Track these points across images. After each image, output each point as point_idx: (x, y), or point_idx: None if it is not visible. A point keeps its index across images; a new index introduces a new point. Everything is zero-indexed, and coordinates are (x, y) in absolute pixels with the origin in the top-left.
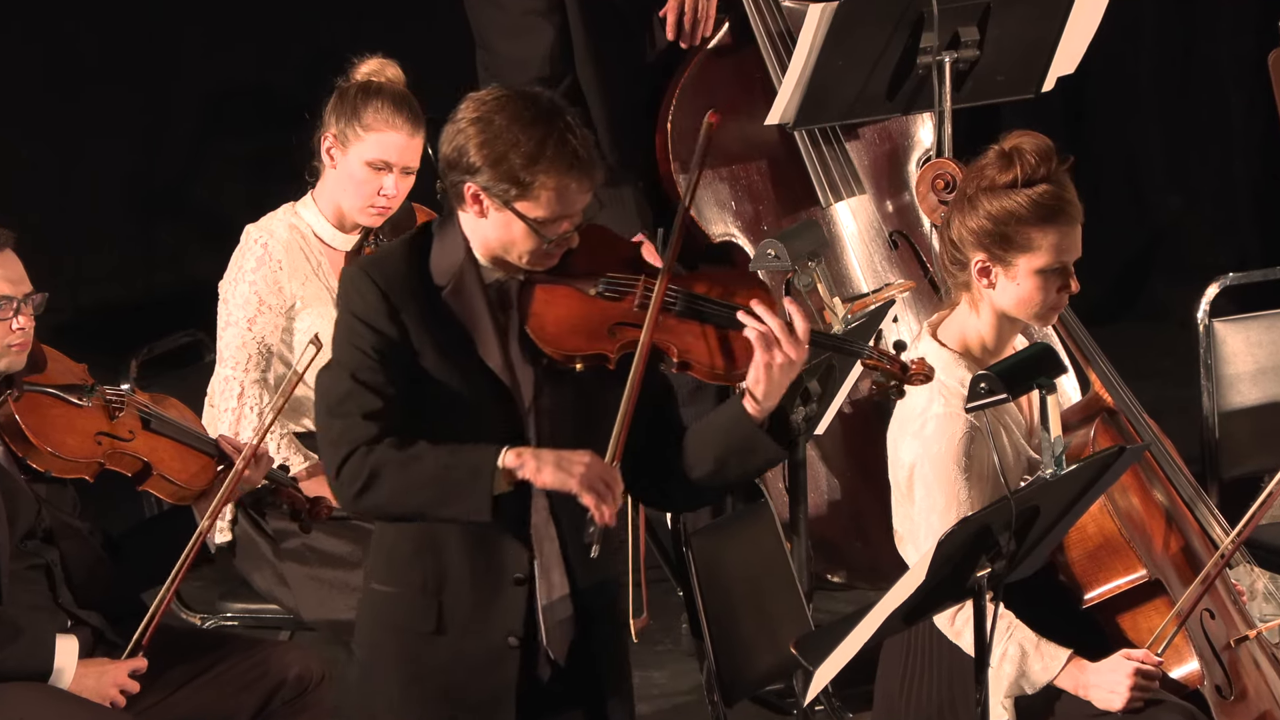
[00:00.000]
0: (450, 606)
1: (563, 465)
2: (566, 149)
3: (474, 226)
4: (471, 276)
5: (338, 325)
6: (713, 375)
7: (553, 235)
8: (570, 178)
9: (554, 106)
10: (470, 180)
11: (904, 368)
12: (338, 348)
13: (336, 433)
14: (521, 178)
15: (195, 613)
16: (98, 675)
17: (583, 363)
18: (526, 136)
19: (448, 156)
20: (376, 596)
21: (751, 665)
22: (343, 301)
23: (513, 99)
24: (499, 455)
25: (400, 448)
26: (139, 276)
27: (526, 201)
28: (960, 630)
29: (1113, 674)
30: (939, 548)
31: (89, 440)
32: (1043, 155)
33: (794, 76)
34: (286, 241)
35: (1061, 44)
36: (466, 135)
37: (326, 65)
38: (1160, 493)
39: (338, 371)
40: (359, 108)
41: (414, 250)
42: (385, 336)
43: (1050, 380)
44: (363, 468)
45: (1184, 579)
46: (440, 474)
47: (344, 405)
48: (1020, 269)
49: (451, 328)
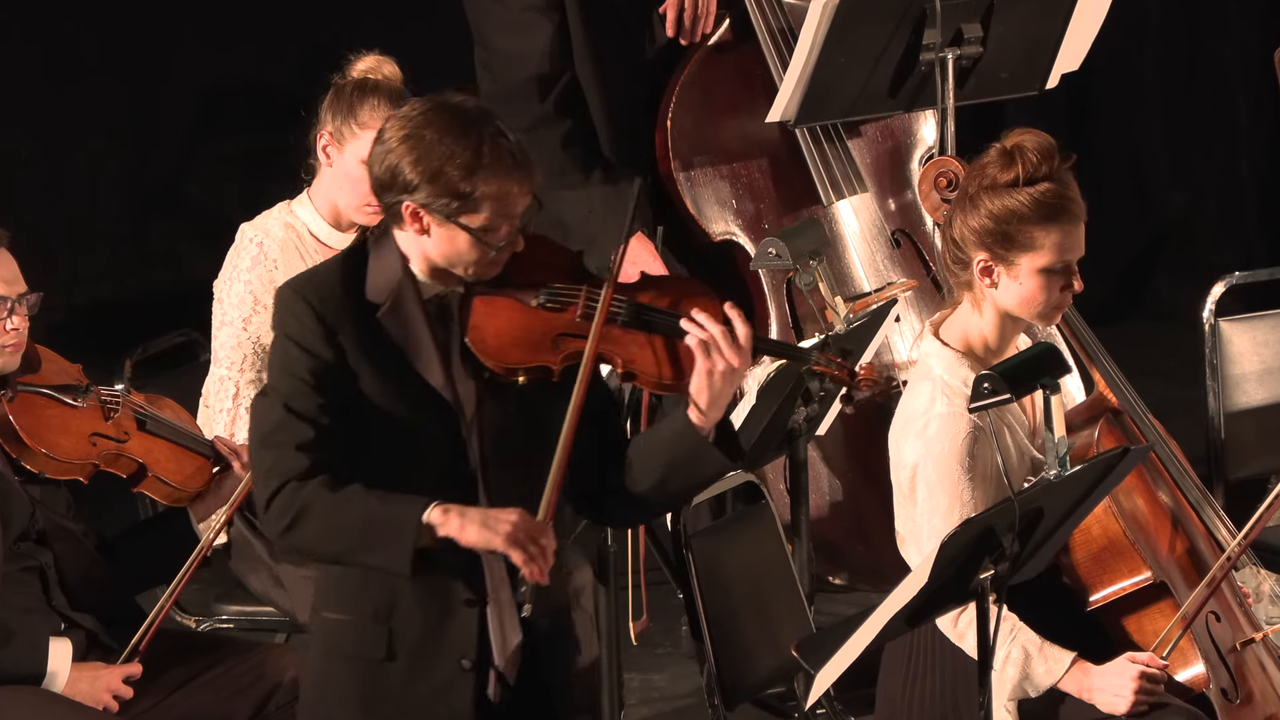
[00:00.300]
0: (401, 632)
1: (488, 524)
2: (503, 153)
3: (414, 243)
4: (410, 293)
5: (272, 349)
6: (659, 386)
7: (498, 242)
8: (511, 181)
9: (481, 112)
10: (408, 198)
11: (851, 374)
12: (272, 373)
13: (268, 464)
14: (462, 189)
15: (190, 615)
16: (92, 679)
17: (525, 375)
18: (461, 146)
19: (380, 178)
20: (327, 625)
21: (752, 668)
22: (277, 324)
23: (438, 111)
24: (424, 510)
25: (331, 488)
26: (133, 276)
27: (470, 212)
28: (963, 633)
29: (1117, 677)
30: (941, 550)
31: (83, 441)
32: (1045, 153)
33: (795, 73)
34: (282, 240)
35: (1065, 41)
36: (398, 154)
37: (323, 62)
38: (1165, 494)
39: (271, 399)
40: (355, 105)
41: (349, 269)
42: (321, 360)
43: (1054, 380)
44: (291, 504)
45: (1189, 581)
46: (364, 522)
47: (276, 435)
48: (1023, 268)
49: (389, 347)
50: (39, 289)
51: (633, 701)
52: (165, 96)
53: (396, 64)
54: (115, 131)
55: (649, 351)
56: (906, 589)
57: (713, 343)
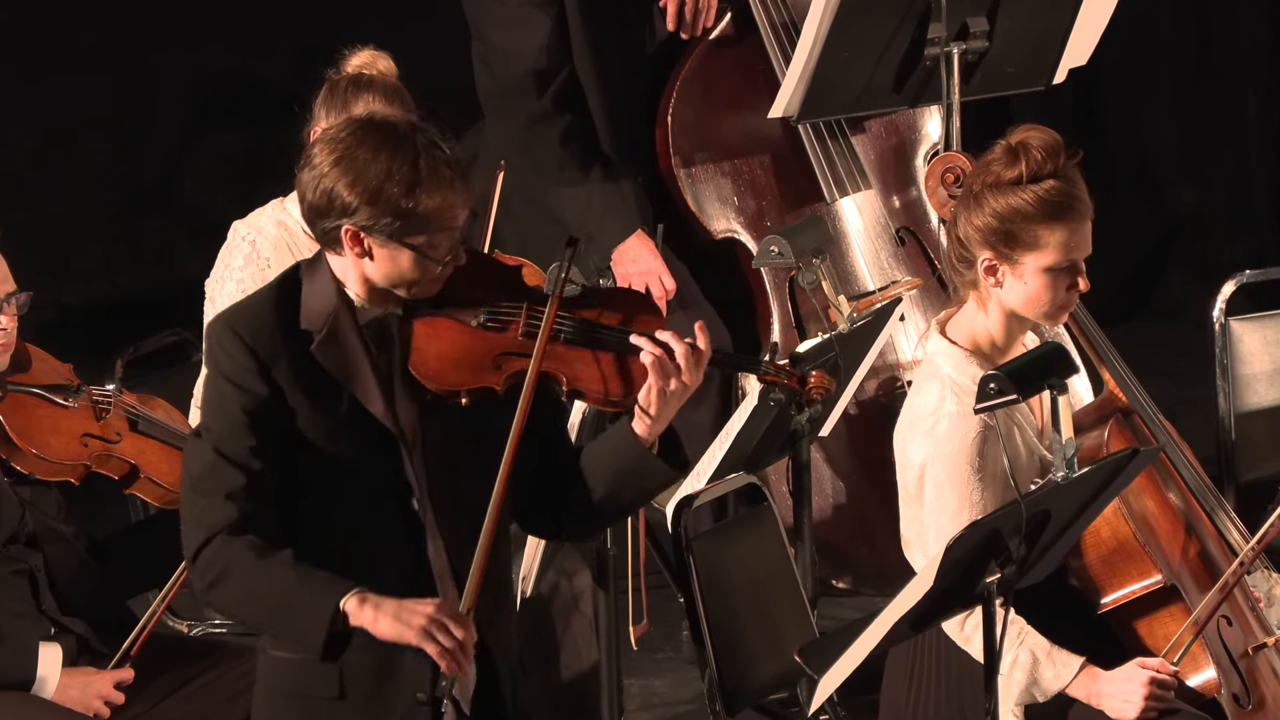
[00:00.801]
0: (352, 669)
1: (401, 617)
2: (439, 165)
3: (351, 267)
4: (346, 319)
5: (205, 387)
6: (605, 403)
7: (442, 258)
8: (453, 193)
9: (411, 125)
10: (347, 222)
11: (802, 381)
12: (205, 412)
13: (197, 513)
14: (404, 206)
15: (182, 620)
16: (82, 685)
17: (468, 397)
18: (398, 163)
19: (315, 204)
20: (275, 664)
21: (754, 674)
22: (209, 360)
23: (366, 128)
24: (340, 599)
25: (257, 552)
26: (125, 274)
27: (412, 230)
28: (969, 637)
29: (1127, 683)
30: (947, 552)
31: (75, 442)
32: (1050, 150)
33: (798, 68)
34: (275, 239)
35: (1073, 35)
36: (332, 178)
37: (317, 57)
38: (1176, 496)
39: (204, 442)
40: (350, 101)
41: (282, 298)
42: (256, 396)
43: (1061, 380)
44: (215, 561)
45: (1201, 585)
46: (279, 600)
47: (206, 482)
48: (1027, 268)
49: (327, 378)
50: (29, 288)
51: (633, 708)
52: (157, 91)
53: (392, 59)
54: (106, 127)
55: (595, 369)
56: (911, 593)
57: (666, 361)
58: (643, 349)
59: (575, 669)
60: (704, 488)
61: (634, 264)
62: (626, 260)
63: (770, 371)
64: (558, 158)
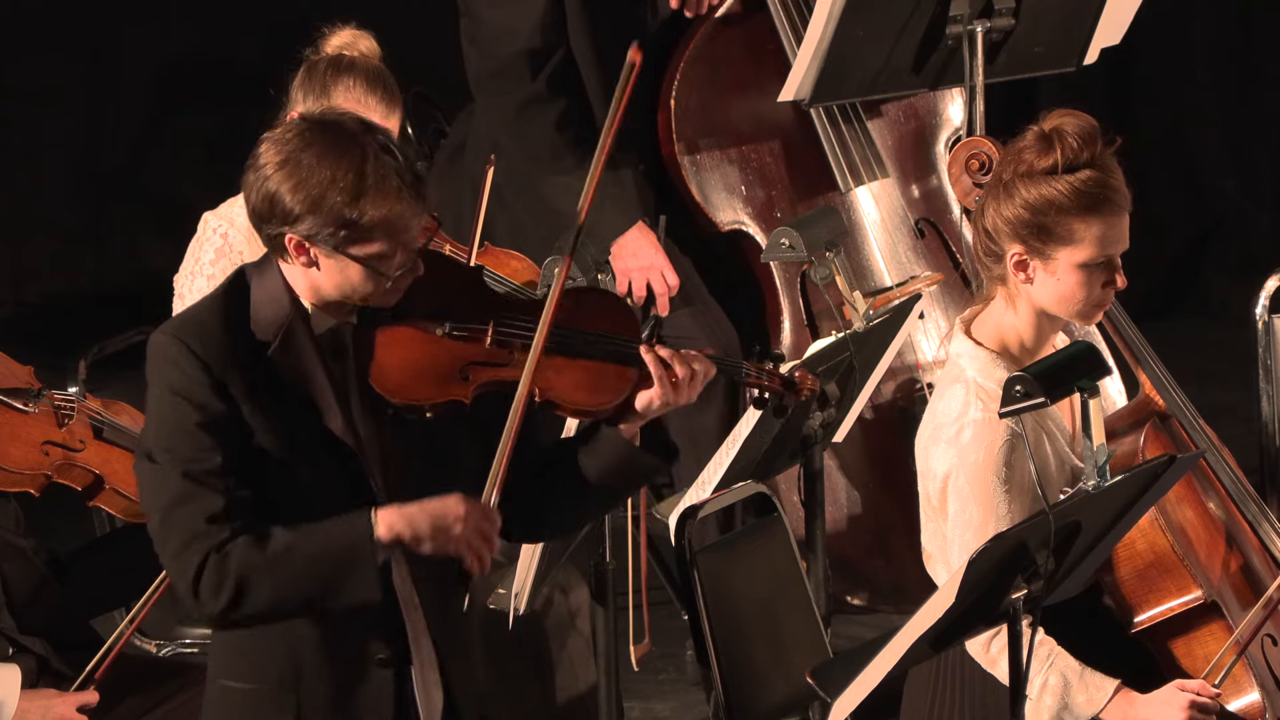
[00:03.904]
0: (309, 699)
1: (439, 528)
2: (388, 172)
3: (300, 276)
4: (300, 329)
5: (153, 404)
6: (578, 412)
7: (393, 270)
8: (401, 203)
9: (362, 126)
10: (290, 230)
11: (788, 382)
12: (158, 434)
13: (177, 546)
14: (347, 216)
15: (151, 639)
16: (42, 709)
17: (433, 411)
18: (343, 170)
19: (257, 208)
20: (227, 694)
21: (763, 696)
22: (155, 376)
23: (314, 129)
24: (370, 528)
25: (259, 546)
26: (87, 268)
27: (359, 241)
28: (995, 658)
29: (1165, 706)
30: (970, 567)
31: (35, 450)
32: (1086, 138)
33: (810, 48)
34: (248, 231)
35: (1106, 12)
36: (275, 182)
37: (293, 36)
38: (1216, 505)
39: (164, 467)
40: (328, 85)
41: (230, 306)
42: (212, 411)
43: (1093, 382)
44: (224, 579)
45: (1243, 601)
46: (315, 569)
47: (179, 512)
48: (1061, 263)
49: (282, 391)
50: None
51: None
52: (121, 71)
53: (374, 39)
54: (65, 109)
55: (567, 377)
56: (932, 610)
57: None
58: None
59: (572, 691)
60: (709, 497)
61: (634, 258)
62: (627, 254)
63: (751, 374)
64: (552, 144)
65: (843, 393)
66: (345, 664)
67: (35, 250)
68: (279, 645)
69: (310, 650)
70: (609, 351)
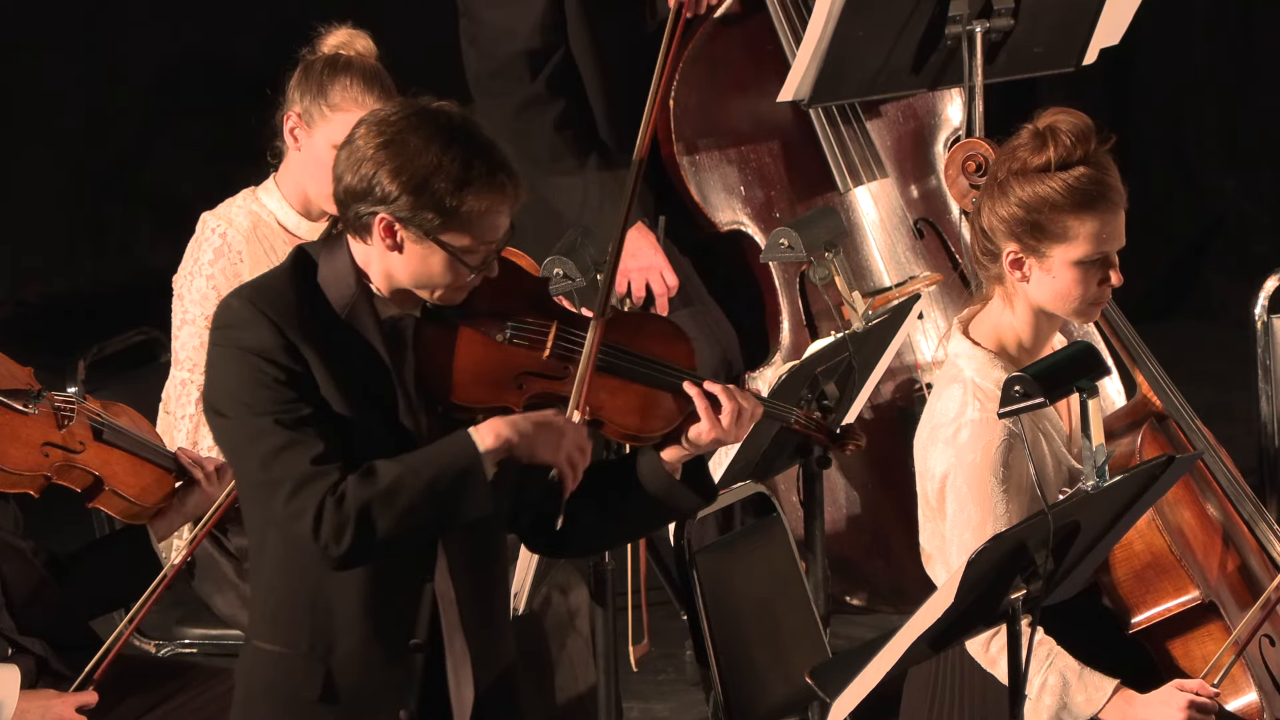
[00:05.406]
0: (340, 673)
1: (543, 429)
2: (495, 167)
3: (379, 258)
4: (366, 310)
5: (223, 364)
6: (624, 435)
7: (476, 264)
8: (502, 199)
9: (469, 122)
10: (384, 210)
11: (834, 436)
12: (237, 390)
13: (287, 493)
14: (447, 204)
15: (150, 639)
16: (42, 710)
17: (484, 415)
18: (449, 158)
19: (353, 188)
20: (259, 655)
21: (763, 696)
22: (226, 338)
23: (424, 116)
24: (473, 443)
25: (369, 480)
26: (87, 269)
27: (452, 230)
28: (994, 658)
29: (1164, 706)
30: (969, 567)
31: (34, 452)
32: (1080, 135)
33: (809, 48)
34: (247, 231)
35: (1105, 12)
36: (376, 162)
37: (291, 35)
38: (1214, 507)
39: (254, 422)
40: (325, 85)
41: (299, 278)
42: (288, 369)
43: (1092, 383)
44: (345, 520)
45: (1241, 602)
46: (429, 491)
47: (282, 458)
48: (1056, 260)
49: (348, 363)
50: None
51: None
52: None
53: (371, 39)
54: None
55: (620, 399)
56: (931, 610)
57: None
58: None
59: (571, 691)
60: None
61: (634, 259)
62: (626, 255)
63: (800, 421)
64: (552, 145)
65: (842, 393)
66: (379, 644)
67: (35, 250)
68: (317, 615)
69: (347, 624)
70: (663, 380)
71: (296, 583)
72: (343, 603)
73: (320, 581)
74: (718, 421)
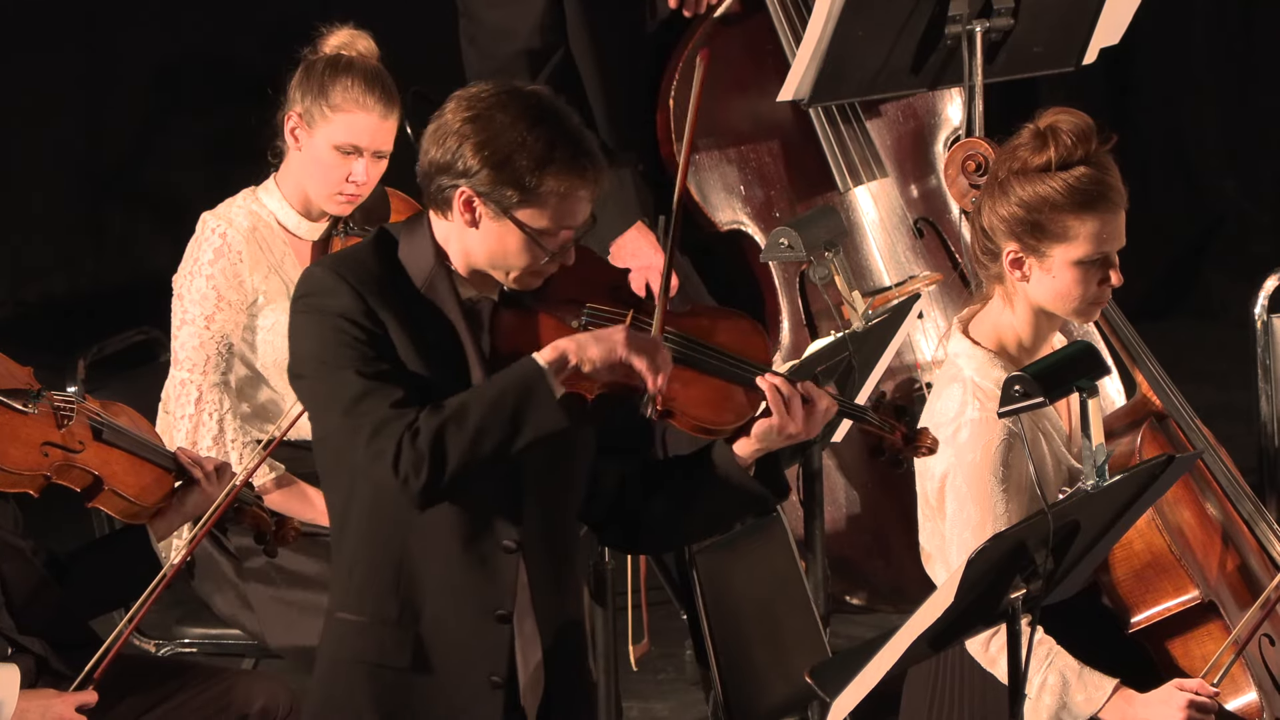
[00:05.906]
0: (429, 641)
1: (602, 340)
2: (579, 151)
3: (457, 236)
4: (445, 286)
5: (305, 328)
6: (697, 428)
7: (553, 248)
8: (582, 183)
9: (557, 105)
10: (465, 184)
11: (908, 437)
12: (320, 351)
13: (368, 435)
14: (527, 182)
15: (150, 639)
16: (41, 709)
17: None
18: (534, 136)
19: (437, 160)
20: (343, 627)
21: (763, 696)
22: (309, 305)
23: (513, 95)
24: (534, 361)
25: (438, 411)
26: (87, 268)
27: (530, 209)
28: (994, 657)
29: (1164, 706)
30: (968, 567)
31: (34, 451)
32: (1081, 135)
33: (809, 48)
34: (247, 231)
35: (1105, 12)
36: (462, 135)
37: (292, 35)
38: (1214, 506)
39: (335, 375)
40: (326, 85)
41: (381, 252)
42: (370, 332)
43: (1091, 382)
44: (421, 454)
45: (1241, 601)
46: (497, 410)
47: (362, 405)
48: (1056, 260)
49: (427, 334)
50: None
51: None
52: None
53: (372, 39)
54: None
55: (693, 391)
56: (931, 610)
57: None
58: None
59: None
60: None
61: (634, 258)
62: (625, 254)
63: (874, 422)
64: None
65: (842, 393)
66: (466, 612)
67: (35, 250)
68: (402, 585)
69: (434, 593)
70: (737, 373)
71: (381, 554)
72: (427, 574)
73: (405, 550)
74: (790, 417)
